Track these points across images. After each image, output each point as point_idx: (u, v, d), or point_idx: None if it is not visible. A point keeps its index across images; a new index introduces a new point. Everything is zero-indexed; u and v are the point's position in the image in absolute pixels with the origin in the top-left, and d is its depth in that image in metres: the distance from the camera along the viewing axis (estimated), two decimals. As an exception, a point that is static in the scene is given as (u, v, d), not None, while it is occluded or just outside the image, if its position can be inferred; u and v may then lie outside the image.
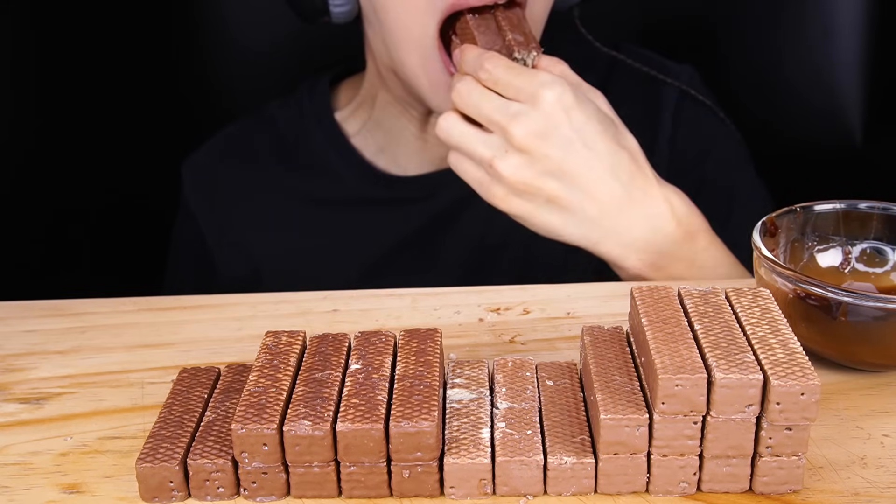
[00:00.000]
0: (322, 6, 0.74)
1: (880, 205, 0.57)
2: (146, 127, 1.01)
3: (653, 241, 0.64)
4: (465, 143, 0.64)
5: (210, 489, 0.43)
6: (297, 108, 0.86)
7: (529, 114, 0.61)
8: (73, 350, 0.56)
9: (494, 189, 0.64)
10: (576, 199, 0.62)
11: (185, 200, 0.86)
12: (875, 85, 0.99)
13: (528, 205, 0.63)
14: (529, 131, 0.61)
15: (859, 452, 0.45)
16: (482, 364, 0.48)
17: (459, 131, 0.64)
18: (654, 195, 0.64)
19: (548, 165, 0.62)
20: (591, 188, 0.62)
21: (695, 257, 0.65)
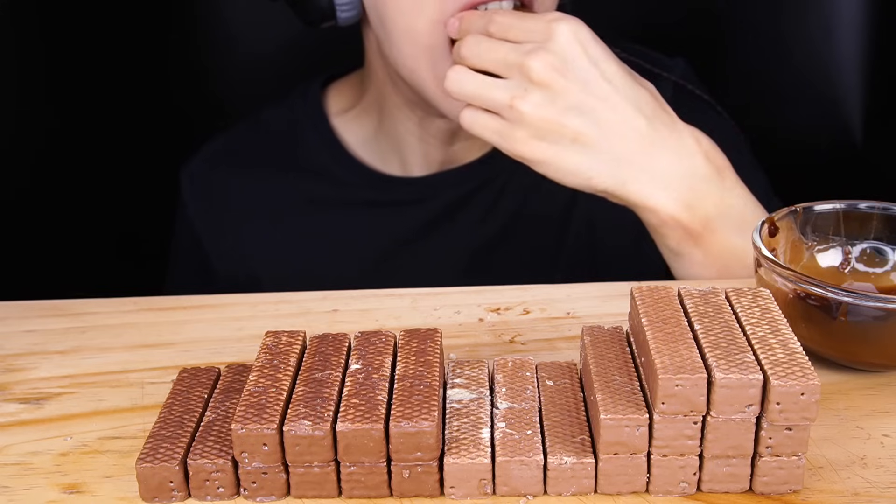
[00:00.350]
0: (329, 11, 0.73)
1: (880, 205, 0.57)
2: (147, 129, 1.01)
3: (683, 176, 0.62)
4: (480, 91, 0.62)
5: (210, 489, 0.43)
6: (291, 112, 0.86)
7: (546, 47, 0.60)
8: (73, 350, 0.56)
9: (516, 133, 0.61)
10: (602, 136, 0.61)
11: (183, 206, 0.86)
12: (875, 85, 0.99)
13: (552, 147, 0.61)
14: (548, 64, 0.59)
15: (859, 452, 0.45)
16: (482, 364, 0.48)
17: (472, 80, 0.62)
18: (680, 130, 0.63)
19: (570, 99, 0.60)
20: (617, 123, 0.61)
21: (723, 195, 0.63)
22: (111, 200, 1.01)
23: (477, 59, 0.62)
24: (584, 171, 0.62)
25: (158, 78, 1.01)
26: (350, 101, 0.85)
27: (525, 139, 0.61)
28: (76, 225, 0.98)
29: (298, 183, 0.83)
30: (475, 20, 0.64)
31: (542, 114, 0.60)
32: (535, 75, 0.60)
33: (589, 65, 0.61)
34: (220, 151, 0.87)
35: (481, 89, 0.62)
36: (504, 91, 0.61)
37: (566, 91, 0.60)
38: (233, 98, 1.04)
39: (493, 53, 0.61)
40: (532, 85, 0.60)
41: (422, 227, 0.82)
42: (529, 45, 0.61)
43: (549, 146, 0.61)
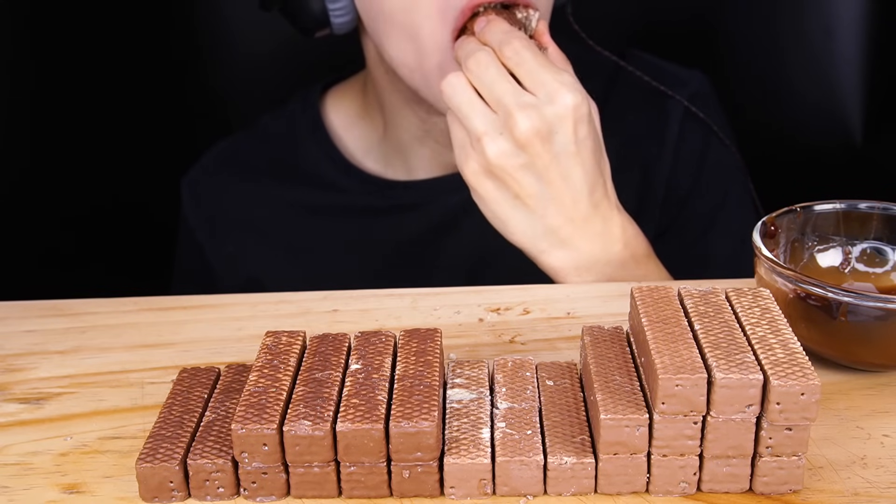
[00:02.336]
0: (322, 17, 0.73)
1: (880, 205, 0.57)
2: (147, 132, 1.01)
3: (597, 261, 0.64)
4: (463, 110, 0.62)
5: (210, 489, 0.43)
6: (290, 120, 0.85)
7: (540, 110, 0.60)
8: (73, 350, 0.56)
9: (471, 161, 0.62)
10: (542, 205, 0.62)
11: (184, 216, 0.86)
12: (875, 85, 0.99)
13: (495, 191, 0.62)
14: (533, 127, 0.60)
15: (859, 452, 0.45)
16: (482, 364, 0.48)
17: (463, 97, 0.62)
18: (612, 218, 0.65)
19: (535, 164, 0.61)
20: (564, 201, 0.62)
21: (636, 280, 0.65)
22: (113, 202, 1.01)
23: (478, 81, 0.62)
24: (510, 225, 0.63)
25: (160, 79, 1.01)
26: (351, 107, 0.85)
27: (476, 170, 0.62)
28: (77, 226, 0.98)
29: (299, 191, 0.83)
30: (498, 31, 0.64)
31: (501, 162, 0.61)
32: (517, 131, 0.60)
33: (570, 142, 0.61)
34: (220, 160, 0.87)
35: (465, 110, 0.62)
36: (481, 124, 0.61)
37: (535, 156, 0.61)
38: (235, 97, 1.04)
39: (493, 87, 0.62)
40: (508, 133, 0.61)
41: (424, 233, 0.81)
42: (529, 97, 0.61)
43: (493, 189, 0.62)
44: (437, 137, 0.79)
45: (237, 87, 1.04)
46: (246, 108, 0.98)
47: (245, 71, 1.03)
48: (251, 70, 1.03)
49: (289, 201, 0.83)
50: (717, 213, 0.82)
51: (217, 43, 1.02)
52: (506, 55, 0.62)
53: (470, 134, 0.62)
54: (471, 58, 0.63)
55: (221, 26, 1.02)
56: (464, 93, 0.62)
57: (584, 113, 0.61)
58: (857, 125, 1.00)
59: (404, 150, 0.81)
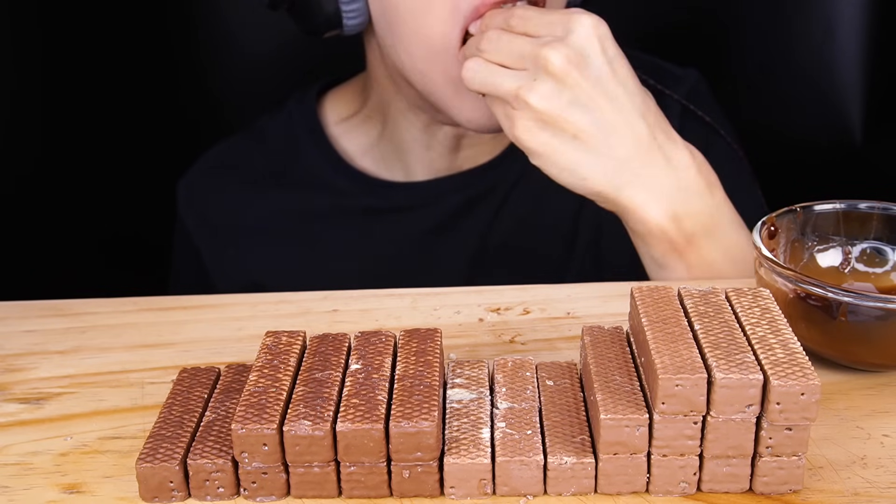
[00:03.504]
0: (335, 19, 0.72)
1: (880, 205, 0.57)
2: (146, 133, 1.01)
3: (676, 188, 0.62)
4: (490, 80, 0.62)
5: (210, 489, 0.43)
6: (288, 122, 0.85)
7: (565, 40, 0.60)
8: (73, 350, 0.56)
9: (520, 121, 0.61)
10: (603, 137, 0.60)
11: (181, 218, 0.86)
12: (875, 85, 0.99)
13: (553, 139, 0.60)
14: (564, 56, 0.59)
15: (859, 452, 0.45)
16: (482, 364, 0.48)
17: (485, 71, 0.62)
18: (675, 141, 0.63)
19: (579, 95, 0.60)
20: (620, 126, 0.61)
21: (711, 212, 0.63)
22: (112, 202, 1.01)
23: (495, 52, 0.62)
24: (580, 170, 0.61)
25: (158, 80, 1.01)
26: (350, 108, 0.84)
27: (527, 126, 0.61)
28: (77, 226, 0.98)
29: (297, 193, 0.83)
30: (496, 16, 0.64)
31: (547, 105, 0.60)
32: (551, 66, 0.59)
33: (604, 63, 0.60)
34: (217, 163, 0.87)
35: (491, 76, 0.61)
36: (513, 81, 0.61)
37: (576, 86, 0.60)
38: (233, 98, 1.04)
39: (510, 46, 0.61)
40: (543, 75, 0.60)
41: (424, 234, 0.81)
42: (548, 37, 0.60)
43: (550, 138, 0.60)
44: (441, 140, 0.79)
45: (235, 89, 1.04)
46: (244, 110, 0.98)
47: (243, 72, 1.03)
48: (250, 71, 1.03)
49: (286, 203, 0.83)
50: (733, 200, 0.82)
51: (216, 44, 1.02)
52: (512, 24, 0.62)
53: (506, 97, 0.61)
54: (480, 41, 0.62)
55: (220, 27, 1.02)
56: (484, 67, 0.62)
57: (605, 32, 0.61)
58: (857, 125, 1.00)
59: (404, 152, 0.81)
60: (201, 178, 0.86)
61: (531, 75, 0.60)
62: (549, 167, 0.62)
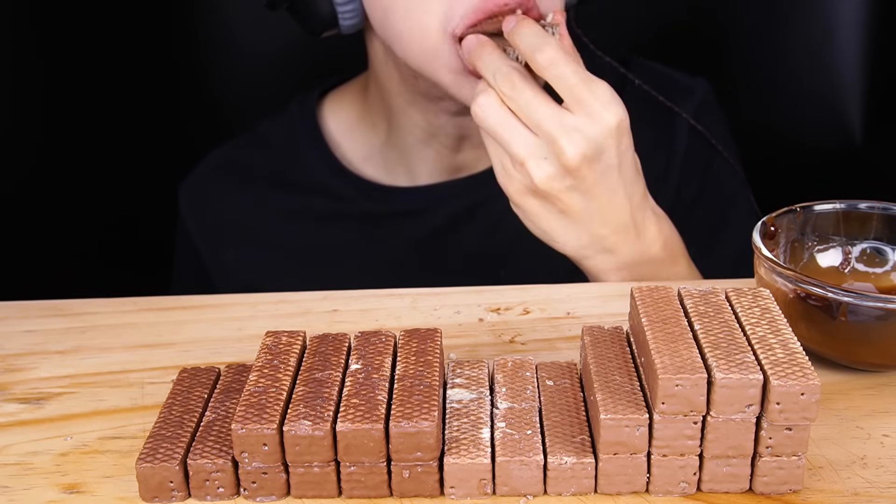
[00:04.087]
0: (331, 19, 0.72)
1: (880, 205, 0.57)
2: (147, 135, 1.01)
3: (639, 262, 0.64)
4: (501, 134, 0.61)
5: (210, 489, 0.43)
6: (289, 126, 0.85)
7: (585, 132, 0.59)
8: (73, 350, 0.56)
9: (514, 182, 0.61)
10: (588, 218, 0.62)
11: (182, 222, 0.86)
12: (875, 85, 0.99)
13: (540, 208, 0.62)
14: (580, 153, 0.59)
15: (859, 452, 0.45)
16: (482, 364, 0.48)
17: (497, 119, 0.60)
18: (650, 219, 0.65)
19: (580, 184, 0.60)
20: (608, 211, 0.62)
21: (670, 278, 0.66)
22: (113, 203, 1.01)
23: (513, 103, 0.60)
24: (556, 236, 0.63)
25: (159, 82, 1.01)
26: (351, 110, 0.84)
27: (520, 189, 0.62)
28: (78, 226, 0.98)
29: (298, 197, 0.83)
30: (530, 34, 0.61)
31: (548, 185, 0.60)
32: (564, 158, 0.59)
33: (614, 158, 0.60)
34: (218, 166, 0.86)
35: (503, 132, 0.60)
36: (523, 147, 0.60)
37: (582, 178, 0.60)
38: (235, 100, 1.04)
39: (530, 110, 0.59)
40: (554, 159, 0.59)
41: (424, 240, 0.81)
42: (571, 118, 0.59)
43: (538, 206, 0.62)
44: (443, 140, 0.78)
45: (237, 90, 1.04)
46: (245, 111, 0.98)
47: (244, 74, 1.03)
48: (251, 73, 1.03)
49: (287, 208, 0.83)
50: (721, 223, 0.83)
51: (216, 46, 1.02)
52: (540, 64, 0.60)
53: (511, 157, 0.61)
54: (501, 78, 0.60)
55: (221, 29, 1.02)
56: (497, 114, 0.61)
57: (626, 126, 0.60)
58: (857, 125, 1.00)
59: (407, 153, 0.81)
60: (202, 181, 0.86)
61: (541, 150, 0.60)
62: (527, 223, 0.64)
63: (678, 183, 0.81)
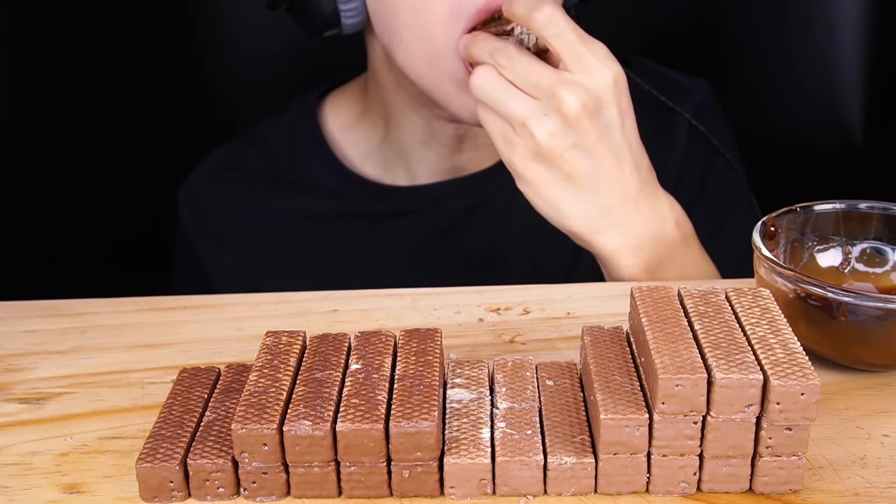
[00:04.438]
0: (333, 18, 0.72)
1: (880, 205, 0.57)
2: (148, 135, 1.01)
3: (652, 240, 0.63)
4: (500, 98, 0.60)
5: (210, 489, 0.43)
6: (289, 126, 0.85)
7: (584, 85, 0.59)
8: (73, 350, 0.56)
9: (518, 148, 0.61)
10: (595, 183, 0.61)
11: (182, 223, 0.86)
12: (875, 85, 0.99)
13: (546, 174, 0.61)
14: (580, 102, 0.59)
15: (859, 452, 0.45)
16: (482, 364, 0.48)
17: (496, 84, 0.61)
18: (660, 196, 0.64)
19: (584, 140, 0.60)
20: (613, 175, 0.61)
21: (685, 262, 0.65)
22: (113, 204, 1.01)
23: (510, 71, 0.61)
24: (563, 208, 0.62)
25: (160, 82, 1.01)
26: (351, 111, 0.84)
27: (525, 155, 0.61)
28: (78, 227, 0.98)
29: (297, 198, 0.83)
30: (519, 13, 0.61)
31: (551, 143, 0.60)
32: (565, 108, 0.59)
33: (616, 115, 0.60)
34: (217, 166, 0.86)
35: (502, 96, 0.61)
36: (524, 108, 0.60)
37: (584, 132, 0.60)
38: (235, 100, 1.04)
39: (527, 73, 0.60)
40: (554, 113, 0.59)
41: (425, 239, 0.81)
42: (570, 74, 0.59)
43: (544, 172, 0.61)
44: (443, 141, 0.78)
45: (237, 91, 1.04)
46: (246, 112, 0.98)
47: (245, 75, 1.03)
48: (251, 74, 1.03)
49: (287, 208, 0.83)
50: (722, 223, 0.83)
51: (217, 46, 1.02)
52: (539, 21, 0.60)
53: (512, 121, 0.61)
54: (497, 53, 0.61)
55: (221, 29, 1.02)
56: (496, 82, 0.61)
57: (623, 84, 0.60)
58: (857, 125, 1.00)
59: (407, 153, 0.81)
60: (202, 182, 0.86)
61: (542, 108, 0.60)
62: (534, 197, 0.63)
63: (676, 181, 0.81)
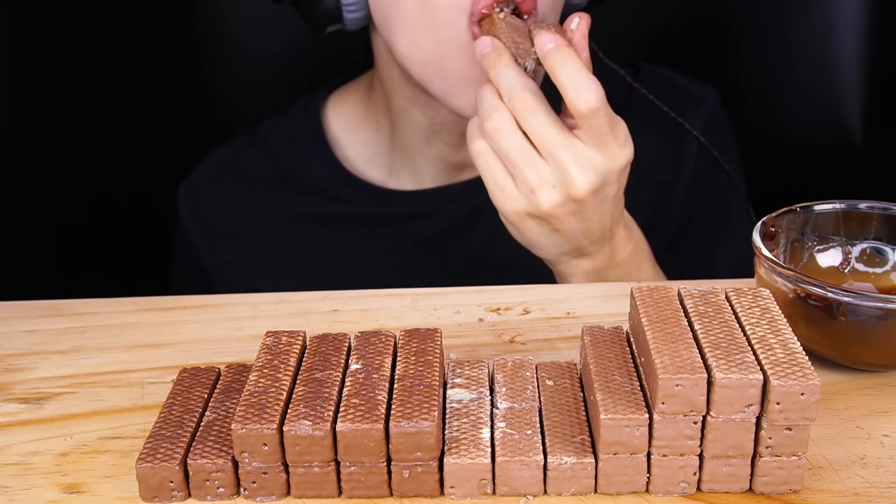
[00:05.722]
0: (335, 13, 0.72)
1: (880, 205, 0.57)
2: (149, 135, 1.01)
3: (608, 266, 0.66)
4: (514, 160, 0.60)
5: (210, 489, 0.43)
6: (292, 127, 0.84)
7: (597, 167, 0.59)
8: (74, 350, 0.56)
9: (516, 204, 0.61)
10: (578, 234, 0.63)
11: (182, 223, 0.86)
12: (875, 85, 0.99)
13: (535, 226, 0.62)
14: (591, 186, 0.59)
15: (859, 452, 0.45)
16: (482, 364, 0.48)
17: (512, 145, 0.60)
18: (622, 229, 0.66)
19: (581, 210, 0.61)
20: (596, 231, 0.63)
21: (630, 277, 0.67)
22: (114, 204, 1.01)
23: (526, 125, 0.59)
24: (540, 246, 0.64)
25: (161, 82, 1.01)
26: (354, 111, 0.84)
27: (519, 211, 0.62)
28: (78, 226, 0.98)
29: (299, 199, 0.83)
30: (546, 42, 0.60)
31: (552, 210, 0.60)
32: (574, 191, 0.59)
33: (615, 190, 0.61)
34: (219, 166, 0.86)
35: (517, 159, 0.60)
36: (535, 177, 0.60)
37: (583, 206, 0.60)
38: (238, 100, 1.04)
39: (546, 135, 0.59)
40: (563, 190, 0.60)
41: (426, 244, 0.80)
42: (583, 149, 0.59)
43: (534, 225, 0.62)
44: (445, 138, 0.78)
45: (238, 91, 1.04)
46: (247, 112, 0.98)
47: (247, 74, 1.03)
48: (253, 73, 1.03)
49: (289, 210, 0.83)
50: (724, 229, 0.83)
51: (219, 45, 1.02)
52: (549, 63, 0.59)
53: (519, 182, 0.60)
54: (516, 97, 0.60)
55: (223, 28, 1.02)
56: (513, 139, 0.60)
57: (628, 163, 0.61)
58: (857, 125, 1.00)
59: (410, 153, 0.80)
60: (202, 182, 0.86)
61: (551, 179, 0.60)
62: (515, 234, 0.64)
63: (686, 193, 0.82)
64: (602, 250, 0.65)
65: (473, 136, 0.62)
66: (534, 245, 0.64)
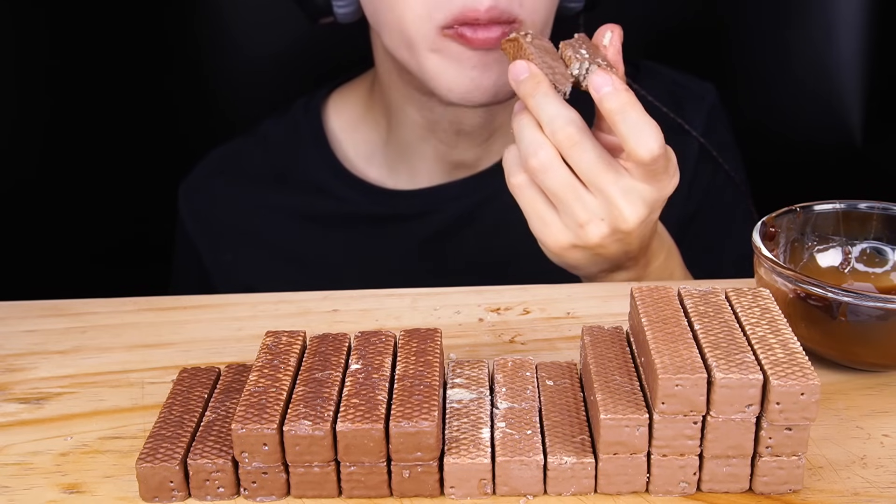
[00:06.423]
0: (325, 7, 0.73)
1: (880, 205, 0.57)
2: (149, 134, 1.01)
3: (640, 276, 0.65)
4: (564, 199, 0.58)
5: (210, 489, 0.43)
6: (292, 126, 0.85)
7: (645, 198, 0.57)
8: (74, 350, 0.56)
9: (561, 237, 0.59)
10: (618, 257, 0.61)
11: (182, 222, 0.86)
12: (875, 85, 0.99)
13: (580, 255, 0.60)
14: (638, 217, 0.57)
15: (859, 452, 0.45)
16: (482, 364, 0.48)
17: (562, 182, 0.57)
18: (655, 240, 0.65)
19: (625, 239, 0.59)
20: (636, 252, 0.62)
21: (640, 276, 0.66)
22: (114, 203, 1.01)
23: (571, 160, 0.57)
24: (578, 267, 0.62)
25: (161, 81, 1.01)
26: (354, 109, 0.84)
27: (565, 244, 0.59)
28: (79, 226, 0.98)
29: (298, 198, 0.83)
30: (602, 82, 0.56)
31: (599, 241, 0.59)
32: (623, 224, 0.57)
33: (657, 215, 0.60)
34: (218, 166, 0.86)
35: (567, 196, 0.58)
36: (584, 212, 0.58)
37: (631, 234, 0.59)
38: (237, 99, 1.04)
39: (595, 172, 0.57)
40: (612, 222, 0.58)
41: (426, 242, 0.80)
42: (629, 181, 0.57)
43: (578, 253, 0.60)
44: (440, 136, 0.78)
45: (237, 90, 1.04)
46: (246, 112, 0.98)
47: (245, 74, 1.03)
48: (251, 73, 1.03)
49: (288, 209, 0.83)
50: (725, 229, 0.83)
51: (217, 45, 1.02)
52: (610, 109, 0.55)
53: (565, 216, 0.58)
54: (559, 131, 0.56)
55: (222, 28, 1.02)
56: (560, 176, 0.57)
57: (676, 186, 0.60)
58: (857, 125, 1.00)
59: (408, 152, 0.80)
60: (202, 181, 0.86)
61: (599, 213, 0.58)
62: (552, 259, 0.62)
63: (686, 193, 0.82)
64: (638, 263, 0.64)
65: (513, 169, 0.60)
66: (573, 268, 0.63)
